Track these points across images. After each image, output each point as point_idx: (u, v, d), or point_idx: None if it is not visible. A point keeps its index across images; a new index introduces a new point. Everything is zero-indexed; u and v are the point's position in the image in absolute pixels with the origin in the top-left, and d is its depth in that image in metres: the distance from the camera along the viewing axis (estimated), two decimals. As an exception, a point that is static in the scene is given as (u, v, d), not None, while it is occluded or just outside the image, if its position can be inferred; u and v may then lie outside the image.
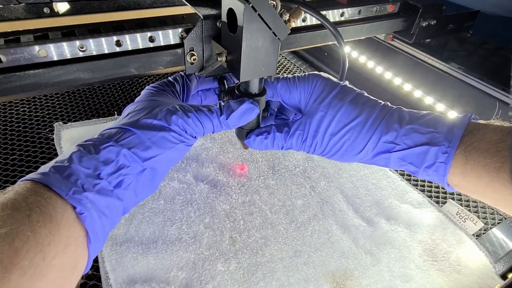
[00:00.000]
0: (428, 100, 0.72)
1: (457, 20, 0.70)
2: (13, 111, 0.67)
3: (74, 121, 0.64)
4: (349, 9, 0.56)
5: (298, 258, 0.46)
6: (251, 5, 0.28)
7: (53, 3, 0.42)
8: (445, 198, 0.59)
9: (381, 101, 0.36)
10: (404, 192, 0.57)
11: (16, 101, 0.69)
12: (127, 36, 0.38)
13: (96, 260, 0.43)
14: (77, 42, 0.36)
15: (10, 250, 0.21)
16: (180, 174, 0.55)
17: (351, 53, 0.87)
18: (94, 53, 0.37)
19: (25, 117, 0.66)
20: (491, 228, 0.54)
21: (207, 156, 0.59)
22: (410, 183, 0.59)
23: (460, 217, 0.53)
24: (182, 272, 0.42)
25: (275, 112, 0.44)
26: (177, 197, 0.51)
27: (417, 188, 0.58)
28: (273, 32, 0.31)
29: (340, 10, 0.55)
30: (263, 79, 0.36)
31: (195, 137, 0.33)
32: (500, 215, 0.56)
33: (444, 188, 0.60)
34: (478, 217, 0.54)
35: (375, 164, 0.36)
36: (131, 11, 0.47)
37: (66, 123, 0.61)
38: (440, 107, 0.71)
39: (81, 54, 0.37)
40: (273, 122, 0.43)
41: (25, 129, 0.63)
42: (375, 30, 0.61)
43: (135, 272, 0.42)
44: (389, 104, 0.36)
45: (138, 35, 0.39)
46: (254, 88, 0.36)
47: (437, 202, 0.57)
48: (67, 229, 0.24)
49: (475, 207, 0.57)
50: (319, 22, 0.42)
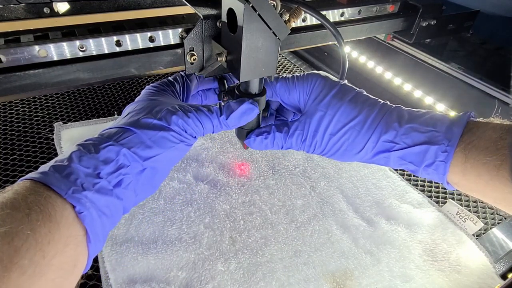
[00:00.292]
0: (428, 100, 0.73)
1: (457, 20, 0.70)
2: (13, 111, 0.67)
3: (74, 121, 0.64)
4: (349, 9, 0.56)
5: (298, 258, 0.46)
6: (251, 5, 0.28)
7: (53, 3, 0.42)
8: (445, 198, 0.59)
9: (380, 100, 0.36)
10: (404, 192, 0.57)
11: (16, 101, 0.69)
12: (127, 36, 0.38)
13: (96, 260, 0.43)
14: (77, 42, 0.36)
15: (9, 249, 0.21)
16: (180, 174, 0.55)
17: (351, 53, 0.87)
18: (94, 53, 0.37)
19: (25, 117, 0.66)
20: (491, 228, 0.54)
21: (207, 156, 0.59)
22: (410, 183, 0.59)
23: (460, 217, 0.53)
24: (182, 272, 0.42)
25: (275, 112, 0.44)
26: (177, 197, 0.51)
27: (417, 188, 0.58)
28: (273, 32, 0.31)
29: (340, 10, 0.55)
30: (263, 79, 0.36)
31: (195, 137, 0.33)
32: (500, 215, 0.56)
33: (444, 188, 0.60)
34: (478, 217, 0.54)
35: (375, 163, 0.36)
36: (131, 11, 0.47)
37: (66, 123, 0.61)
38: (440, 107, 0.71)
39: (81, 54, 0.37)
40: (273, 122, 0.43)
41: (25, 129, 0.63)
42: (375, 30, 0.61)
43: (135, 272, 0.42)
44: (389, 103, 0.36)
45: (138, 35, 0.39)
46: (254, 88, 0.36)
47: (437, 202, 0.57)
48: (66, 228, 0.24)
49: (475, 207, 0.57)
50: (319, 22, 0.42)
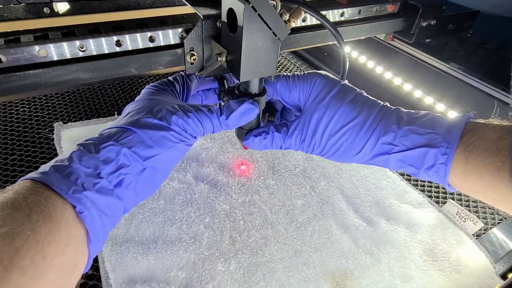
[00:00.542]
0: (428, 100, 0.73)
1: (457, 20, 0.70)
2: (13, 111, 0.67)
3: (74, 121, 0.64)
4: (349, 9, 0.56)
5: (298, 258, 0.46)
6: (251, 5, 0.28)
7: (53, 3, 0.42)
8: (445, 198, 0.59)
9: (380, 101, 0.36)
10: (404, 192, 0.57)
11: (16, 101, 0.69)
12: (127, 36, 0.38)
13: (96, 260, 0.43)
14: (77, 42, 0.36)
15: (10, 249, 0.21)
16: (180, 174, 0.55)
17: (351, 53, 0.87)
18: (94, 53, 0.37)
19: (25, 117, 0.66)
20: (491, 228, 0.54)
21: (207, 156, 0.59)
22: (410, 183, 0.59)
23: (460, 217, 0.53)
24: (182, 272, 0.42)
25: (280, 115, 0.44)
26: (177, 197, 0.51)
27: (417, 188, 0.58)
28: (273, 32, 0.31)
29: (340, 10, 0.55)
30: (263, 79, 0.36)
31: (195, 137, 0.33)
32: (500, 215, 0.56)
33: (444, 188, 0.60)
34: (478, 217, 0.54)
35: (374, 165, 0.36)
36: (131, 11, 0.47)
37: (66, 123, 0.61)
38: (440, 107, 0.71)
39: (81, 54, 0.37)
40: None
41: (25, 129, 0.63)
42: (375, 30, 0.61)
43: (135, 272, 0.42)
44: (388, 105, 0.36)
45: (138, 35, 0.39)
46: (254, 88, 0.36)
47: (437, 202, 0.57)
48: (67, 228, 0.24)
49: (475, 207, 0.57)
50: (319, 22, 0.42)
